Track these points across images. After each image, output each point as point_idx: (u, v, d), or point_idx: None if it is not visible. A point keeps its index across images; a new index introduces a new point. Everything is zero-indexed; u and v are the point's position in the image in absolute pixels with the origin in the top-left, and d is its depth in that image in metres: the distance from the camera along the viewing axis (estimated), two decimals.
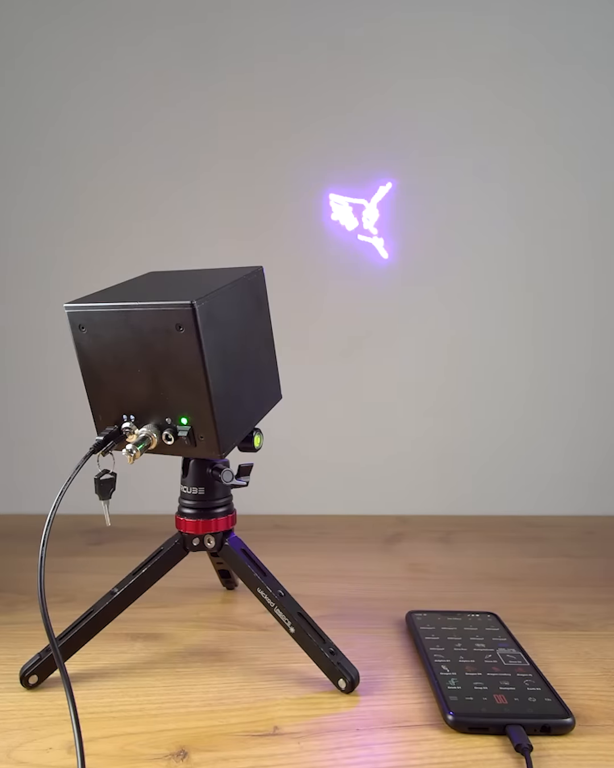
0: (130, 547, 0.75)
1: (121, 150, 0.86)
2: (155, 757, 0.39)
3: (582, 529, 0.84)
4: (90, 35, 0.85)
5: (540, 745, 0.39)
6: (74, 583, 0.65)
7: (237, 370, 0.46)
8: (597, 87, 0.85)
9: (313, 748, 0.40)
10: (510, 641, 0.51)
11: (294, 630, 0.46)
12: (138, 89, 0.85)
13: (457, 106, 0.85)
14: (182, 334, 0.41)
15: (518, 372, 0.90)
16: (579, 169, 0.86)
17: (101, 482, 0.45)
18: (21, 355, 0.90)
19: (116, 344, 0.43)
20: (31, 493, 0.89)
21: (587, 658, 0.51)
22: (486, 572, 0.69)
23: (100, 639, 0.48)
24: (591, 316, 0.89)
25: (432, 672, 0.46)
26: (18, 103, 0.86)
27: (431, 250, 0.87)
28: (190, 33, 0.85)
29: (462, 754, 0.39)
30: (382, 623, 0.57)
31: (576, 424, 0.90)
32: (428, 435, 0.91)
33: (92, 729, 0.41)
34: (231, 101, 0.85)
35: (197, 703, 0.44)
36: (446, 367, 0.89)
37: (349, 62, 0.85)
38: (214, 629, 0.56)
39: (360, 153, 0.86)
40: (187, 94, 0.85)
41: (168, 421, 0.44)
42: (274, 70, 0.85)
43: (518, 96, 0.85)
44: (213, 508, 0.50)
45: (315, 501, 0.90)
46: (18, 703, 0.44)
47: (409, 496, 0.91)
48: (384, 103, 0.86)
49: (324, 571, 0.69)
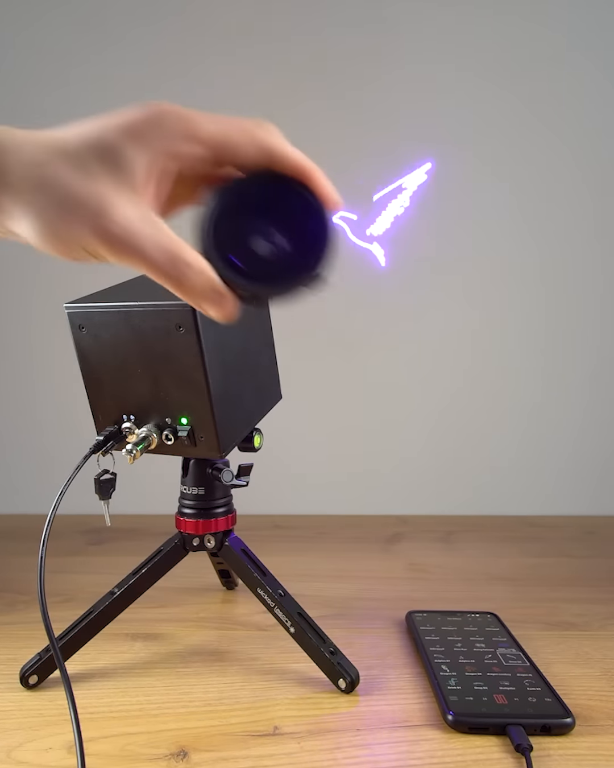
0: (130, 547, 0.75)
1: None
2: (155, 757, 0.39)
3: (582, 529, 0.84)
4: (83, 32, 0.85)
5: (540, 745, 0.39)
6: (74, 583, 0.65)
7: (237, 370, 0.46)
8: (604, 84, 0.85)
9: (313, 748, 0.40)
10: (510, 641, 0.51)
11: (294, 630, 0.46)
12: (138, 90, 0.85)
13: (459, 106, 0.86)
14: (182, 334, 0.41)
15: (519, 373, 0.90)
16: (585, 173, 0.87)
17: (101, 482, 0.45)
18: (21, 355, 0.90)
19: (116, 344, 0.44)
20: (31, 493, 0.89)
21: (587, 658, 0.51)
22: (486, 572, 0.69)
23: (100, 639, 0.48)
24: (593, 316, 0.89)
25: (432, 672, 0.47)
26: (16, 102, 0.86)
27: (434, 249, 0.87)
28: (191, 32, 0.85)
29: (462, 754, 0.39)
30: (382, 623, 0.57)
31: (577, 424, 0.90)
32: (428, 435, 0.91)
33: (92, 729, 0.41)
34: (225, 110, 0.85)
35: (197, 703, 0.44)
36: (446, 368, 0.89)
37: (344, 66, 0.85)
38: (214, 629, 0.56)
39: (361, 153, 0.86)
40: (186, 95, 0.85)
41: (168, 421, 0.44)
42: (262, 83, 0.85)
43: (523, 94, 0.85)
44: (213, 508, 0.50)
45: (316, 501, 0.90)
46: (18, 703, 0.44)
47: (409, 496, 0.91)
48: (385, 104, 0.86)
49: (324, 571, 0.69)
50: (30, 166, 0.28)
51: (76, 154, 0.29)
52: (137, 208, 0.29)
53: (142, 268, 0.29)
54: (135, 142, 0.29)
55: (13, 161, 0.29)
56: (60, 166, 0.29)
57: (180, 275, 0.29)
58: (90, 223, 0.28)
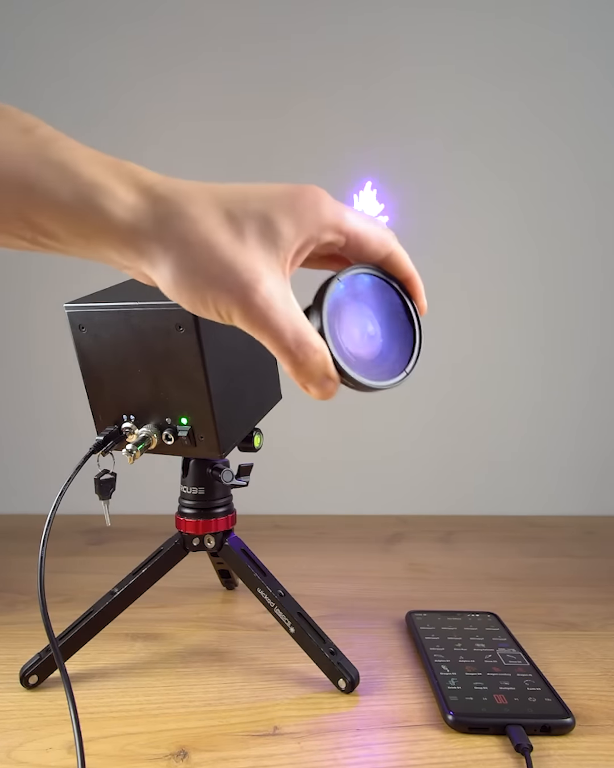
0: (130, 547, 0.75)
1: (122, 148, 0.86)
2: (155, 757, 0.39)
3: (582, 529, 0.84)
4: (82, 29, 0.85)
5: (540, 745, 0.39)
6: (74, 583, 0.65)
7: (237, 370, 0.46)
8: (605, 85, 0.85)
9: (313, 748, 0.40)
10: (510, 641, 0.51)
11: (294, 630, 0.46)
12: (139, 92, 0.85)
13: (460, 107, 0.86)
14: (182, 334, 0.41)
15: (519, 373, 0.90)
16: (586, 176, 0.87)
17: (101, 482, 0.45)
18: (21, 354, 0.90)
19: (116, 344, 0.44)
20: (31, 493, 0.89)
21: (587, 658, 0.51)
22: (486, 572, 0.69)
23: (100, 639, 0.48)
24: (594, 315, 0.89)
25: (432, 672, 0.47)
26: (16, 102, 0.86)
27: (436, 248, 0.87)
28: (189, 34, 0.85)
29: (462, 754, 0.39)
30: (382, 623, 0.57)
31: (578, 424, 0.90)
32: (428, 435, 0.91)
33: (92, 729, 0.41)
34: (223, 112, 0.85)
35: (197, 703, 0.44)
36: (446, 367, 0.89)
37: (344, 66, 0.85)
38: (214, 629, 0.56)
39: (362, 153, 0.86)
40: (186, 96, 0.85)
41: (168, 421, 0.44)
42: (261, 74, 0.85)
43: (524, 94, 0.85)
44: (213, 508, 0.50)
45: (316, 501, 0.90)
46: (18, 703, 0.44)
47: (409, 496, 0.91)
48: (385, 104, 0.86)
49: (324, 571, 0.69)
50: (187, 222, 0.30)
51: (236, 220, 0.30)
52: (280, 286, 0.31)
53: (268, 341, 0.31)
54: (292, 222, 0.31)
55: (176, 213, 0.30)
56: (217, 228, 0.30)
57: (303, 358, 0.31)
58: (237, 292, 0.29)
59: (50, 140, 0.30)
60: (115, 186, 0.29)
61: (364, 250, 0.34)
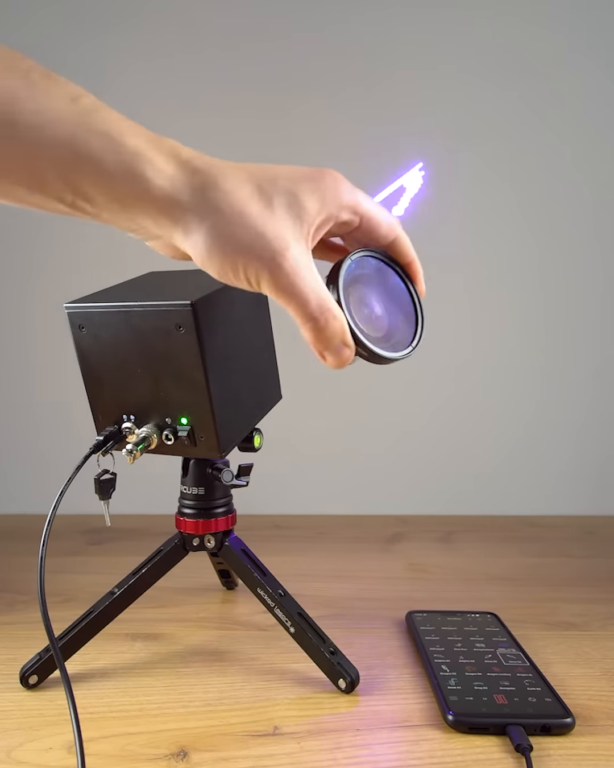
0: (130, 547, 0.75)
1: None
2: (155, 757, 0.39)
3: (582, 529, 0.84)
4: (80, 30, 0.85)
5: (540, 745, 0.39)
6: (74, 583, 0.65)
7: (237, 370, 0.46)
8: (605, 85, 0.85)
9: (313, 748, 0.40)
10: (510, 641, 0.51)
11: (294, 630, 0.46)
12: (138, 93, 0.85)
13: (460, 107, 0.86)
14: (182, 334, 0.41)
15: (520, 373, 0.90)
16: (586, 176, 0.87)
17: (101, 482, 0.45)
18: (21, 355, 0.90)
19: (116, 344, 0.43)
20: (31, 493, 0.89)
21: (587, 658, 0.51)
22: (486, 572, 0.69)
23: (100, 639, 0.48)
24: (594, 315, 0.89)
25: (432, 672, 0.47)
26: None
27: (434, 248, 0.87)
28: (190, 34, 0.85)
29: (462, 754, 0.39)
30: (382, 623, 0.57)
31: (578, 424, 0.90)
32: (428, 435, 0.91)
33: (92, 729, 0.41)
34: (224, 113, 0.85)
35: (197, 703, 0.44)
36: (446, 367, 0.89)
37: (344, 62, 0.85)
38: (214, 629, 0.56)
39: (362, 154, 0.86)
40: (186, 96, 0.85)
41: (168, 421, 0.44)
42: (265, 77, 0.85)
43: (523, 94, 0.85)
44: (213, 508, 0.50)
45: (316, 501, 0.90)
46: (18, 703, 0.44)
47: (409, 496, 0.91)
48: (386, 104, 0.86)
49: (324, 571, 0.69)
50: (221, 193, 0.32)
51: (266, 193, 0.33)
52: (305, 255, 0.33)
53: (293, 306, 0.33)
54: (316, 198, 0.34)
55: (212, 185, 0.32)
56: (249, 199, 0.32)
57: (324, 323, 0.33)
58: (267, 259, 0.32)
59: (94, 109, 0.31)
60: (156, 157, 0.31)
61: (374, 232, 0.37)
